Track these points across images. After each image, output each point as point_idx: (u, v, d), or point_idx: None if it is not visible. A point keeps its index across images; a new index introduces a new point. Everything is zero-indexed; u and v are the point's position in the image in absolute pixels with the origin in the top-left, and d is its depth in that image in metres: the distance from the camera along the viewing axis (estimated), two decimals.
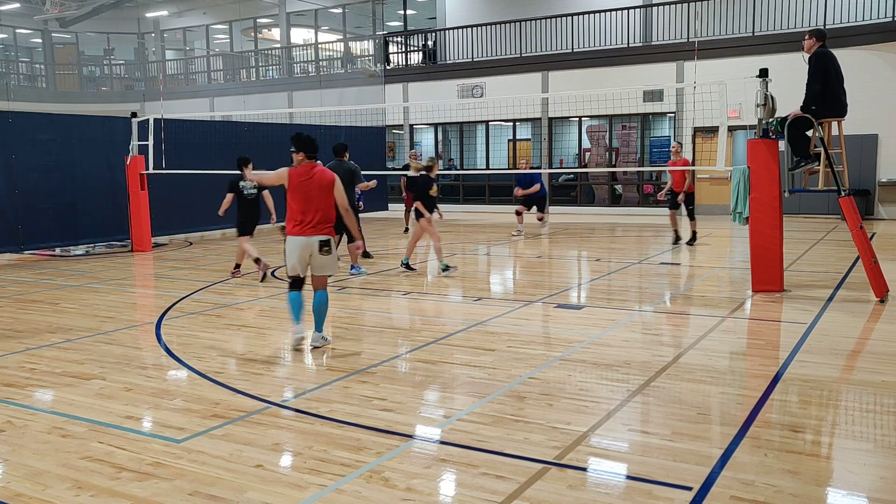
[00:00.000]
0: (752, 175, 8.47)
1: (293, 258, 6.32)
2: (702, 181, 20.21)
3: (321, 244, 6.25)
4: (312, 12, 28.49)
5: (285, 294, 6.79)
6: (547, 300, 8.54)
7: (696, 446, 4.13)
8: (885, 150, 17.73)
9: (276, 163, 7.46)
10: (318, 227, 6.28)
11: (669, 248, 13.03)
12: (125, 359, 6.22)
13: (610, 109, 19.65)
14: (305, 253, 6.29)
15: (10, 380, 5.67)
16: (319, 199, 6.30)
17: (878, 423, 4.58)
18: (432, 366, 5.90)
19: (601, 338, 6.75)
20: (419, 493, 3.64)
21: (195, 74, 32.00)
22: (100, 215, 14.22)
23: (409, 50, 25.64)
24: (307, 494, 3.63)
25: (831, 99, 8.29)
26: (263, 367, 5.96)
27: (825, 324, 7.05)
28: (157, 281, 10.91)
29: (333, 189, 6.39)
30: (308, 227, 6.26)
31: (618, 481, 3.76)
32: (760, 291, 8.53)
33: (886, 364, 5.71)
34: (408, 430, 4.47)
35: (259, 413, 4.82)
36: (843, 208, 8.20)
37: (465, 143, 24.11)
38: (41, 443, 4.36)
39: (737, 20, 19.32)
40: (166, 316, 7.99)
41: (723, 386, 5.26)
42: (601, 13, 21.05)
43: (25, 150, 13.04)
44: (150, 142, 13.68)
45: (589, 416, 4.65)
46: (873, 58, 17.12)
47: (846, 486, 3.71)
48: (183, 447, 4.25)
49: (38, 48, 33.60)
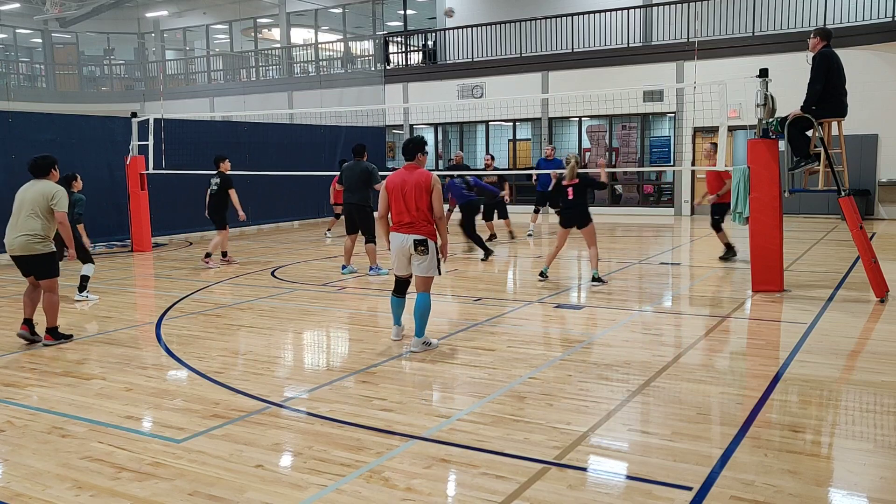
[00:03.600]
0: (752, 175, 8.47)
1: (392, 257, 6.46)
2: (702, 181, 20.20)
3: (416, 243, 6.21)
4: (312, 12, 28.48)
5: (286, 293, 6.79)
6: (547, 300, 8.54)
7: (696, 446, 4.13)
8: (885, 150, 17.73)
9: (277, 162, 7.45)
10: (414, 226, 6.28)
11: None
12: (125, 359, 6.22)
13: (610, 109, 19.64)
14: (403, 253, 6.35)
15: (10, 380, 5.67)
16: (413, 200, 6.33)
17: (878, 423, 4.58)
18: (432, 366, 5.90)
19: (601, 338, 6.75)
20: (419, 493, 3.64)
21: (195, 74, 31.99)
22: (100, 215, 14.20)
23: (409, 50, 25.64)
24: (307, 494, 3.63)
25: (832, 99, 8.28)
26: (263, 367, 5.96)
27: (825, 324, 7.05)
28: (157, 281, 10.91)
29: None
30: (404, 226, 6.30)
31: (618, 481, 3.76)
32: (760, 291, 8.52)
33: (886, 364, 5.71)
34: (408, 430, 4.47)
35: (259, 413, 4.82)
36: (843, 208, 8.20)
37: (465, 143, 24.11)
38: (41, 443, 4.36)
39: (737, 20, 19.31)
40: (166, 316, 7.99)
41: (723, 386, 5.26)
42: (601, 13, 21.04)
43: (25, 150, 13.01)
44: (150, 142, 13.68)
45: (589, 416, 4.65)
46: (873, 58, 17.11)
47: (846, 486, 3.71)
48: (183, 447, 4.25)
49: (38, 48, 33.58)
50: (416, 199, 6.20)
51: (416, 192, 6.20)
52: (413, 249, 6.20)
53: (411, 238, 6.19)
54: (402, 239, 6.25)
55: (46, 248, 6.60)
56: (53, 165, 6.85)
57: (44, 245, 6.58)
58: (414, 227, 6.20)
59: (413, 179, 6.23)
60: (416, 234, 6.19)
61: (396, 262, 6.39)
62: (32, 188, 6.66)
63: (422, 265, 6.26)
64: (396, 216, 6.29)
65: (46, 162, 6.78)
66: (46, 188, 6.63)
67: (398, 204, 6.26)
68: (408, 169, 6.36)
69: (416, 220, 6.21)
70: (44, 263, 6.63)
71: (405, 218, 6.23)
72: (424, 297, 6.32)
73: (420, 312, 6.28)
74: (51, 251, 6.65)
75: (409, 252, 6.24)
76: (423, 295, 6.33)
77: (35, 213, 6.53)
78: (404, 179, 6.26)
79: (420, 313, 6.28)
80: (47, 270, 6.67)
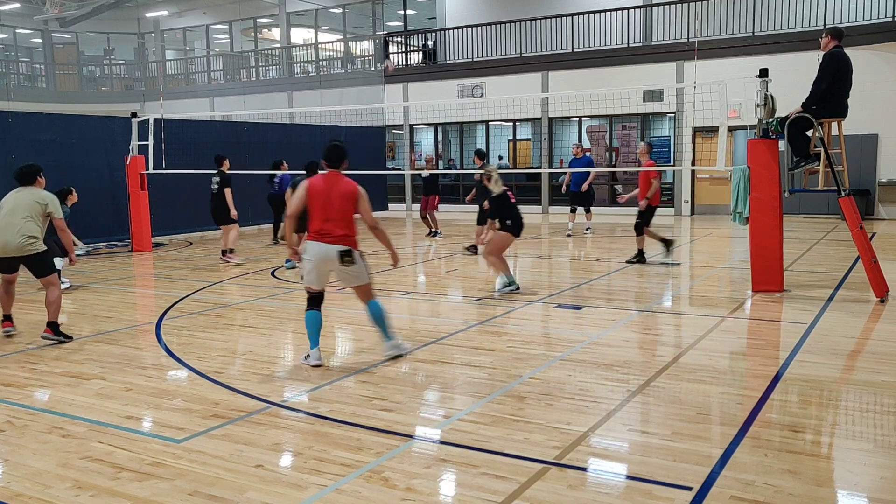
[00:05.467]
0: (752, 175, 8.47)
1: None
2: (702, 181, 20.22)
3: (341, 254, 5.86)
4: (312, 12, 28.48)
5: (286, 294, 6.78)
6: (547, 300, 8.54)
7: (696, 446, 4.13)
8: (885, 150, 17.74)
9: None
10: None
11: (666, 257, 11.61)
12: (125, 359, 6.22)
13: (610, 109, 19.64)
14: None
15: (10, 380, 5.67)
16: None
17: (878, 423, 4.58)
18: (432, 366, 5.90)
19: (601, 338, 6.75)
20: (419, 493, 3.64)
21: (195, 74, 31.99)
22: (100, 215, 14.22)
23: (409, 50, 25.64)
24: (307, 494, 3.63)
25: (833, 100, 8.28)
26: (263, 367, 5.96)
27: (825, 324, 7.05)
28: (157, 281, 10.91)
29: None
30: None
31: (618, 481, 3.76)
32: (760, 291, 8.52)
33: (886, 364, 5.71)
34: (408, 430, 4.47)
35: (259, 413, 4.82)
36: (843, 208, 8.20)
37: (465, 143, 24.11)
38: (41, 443, 4.36)
39: (737, 20, 19.32)
40: (166, 316, 7.99)
41: (723, 386, 5.26)
42: (601, 13, 21.05)
43: (25, 150, 13.02)
44: (150, 142, 13.68)
45: (589, 416, 4.65)
46: (873, 58, 17.11)
47: (846, 486, 3.71)
48: (183, 447, 4.25)
49: (38, 48, 33.58)
50: (341, 209, 5.87)
51: (341, 201, 5.88)
52: (339, 261, 5.83)
53: (335, 249, 5.81)
54: (323, 249, 5.83)
55: (42, 247, 6.87)
56: (39, 173, 7.15)
57: (39, 244, 6.85)
58: (337, 237, 5.83)
59: (339, 188, 5.92)
60: (339, 244, 5.82)
61: (314, 273, 5.93)
62: (24, 193, 6.92)
63: (351, 276, 5.94)
64: (317, 224, 5.87)
65: (32, 170, 7.08)
66: (39, 195, 6.94)
67: (320, 211, 5.87)
68: (333, 176, 5.99)
69: (340, 230, 5.85)
70: (43, 261, 6.89)
71: (328, 227, 5.84)
72: (375, 304, 6.05)
73: (377, 318, 6.03)
74: (45, 249, 6.91)
75: (333, 265, 5.87)
76: (373, 302, 6.05)
77: (31, 217, 6.80)
78: (329, 187, 5.92)
79: (378, 319, 6.03)
80: (48, 267, 6.94)
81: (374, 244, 6.43)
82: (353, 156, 11.27)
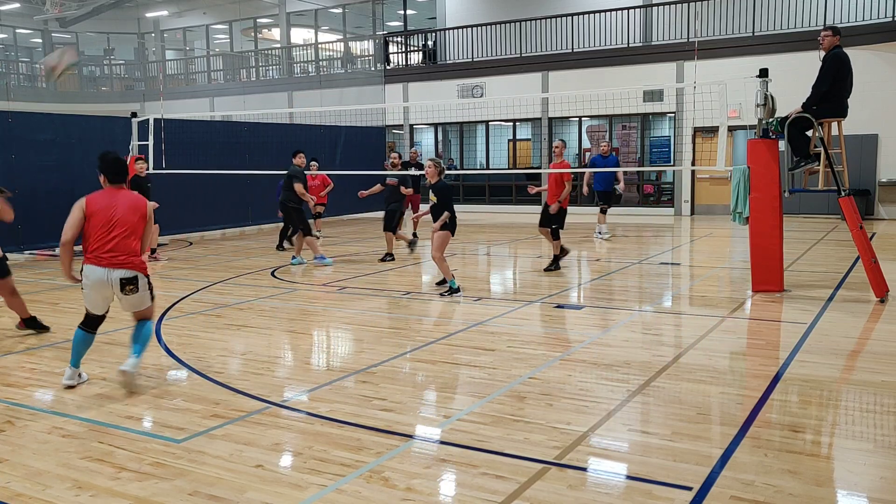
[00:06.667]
0: (752, 175, 8.47)
1: None
2: (702, 181, 20.22)
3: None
4: (312, 12, 28.48)
5: (286, 293, 6.78)
6: (547, 300, 8.54)
7: (696, 446, 4.13)
8: (885, 150, 17.74)
9: (276, 162, 7.45)
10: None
11: (668, 254, 12.40)
12: (125, 359, 6.20)
13: (610, 109, 19.64)
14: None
15: (10, 380, 5.67)
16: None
17: (878, 423, 4.58)
18: (432, 366, 5.90)
19: (601, 338, 6.75)
20: (419, 493, 3.63)
21: (195, 74, 31.98)
22: None
23: (409, 50, 25.64)
24: (307, 494, 3.63)
25: (834, 100, 8.28)
26: (263, 367, 5.96)
27: (825, 324, 7.05)
28: (158, 281, 10.86)
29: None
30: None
31: (618, 481, 3.76)
32: (760, 291, 8.52)
33: (886, 364, 5.71)
34: (408, 430, 4.47)
35: (259, 413, 4.82)
36: (843, 208, 8.20)
37: (465, 143, 24.11)
38: (41, 443, 4.36)
39: (737, 20, 19.32)
40: (166, 316, 7.99)
41: (723, 386, 5.26)
42: (601, 13, 21.05)
43: (25, 150, 13.02)
44: (150, 142, 13.67)
45: (589, 416, 4.65)
46: (873, 58, 17.11)
47: (846, 486, 3.71)
48: (183, 447, 4.25)
49: (38, 48, 33.57)
50: (128, 228, 5.27)
51: (130, 219, 5.29)
52: (120, 290, 5.24)
53: (117, 275, 5.21)
54: (103, 274, 5.21)
55: None
56: None
57: None
58: (120, 260, 5.22)
59: (126, 204, 5.33)
60: (123, 268, 5.22)
61: (95, 299, 5.35)
62: None
63: (132, 302, 5.37)
64: (96, 244, 5.22)
65: None
66: None
67: (101, 231, 5.22)
68: (117, 191, 5.40)
69: (124, 251, 5.24)
70: None
71: (109, 247, 5.20)
72: (148, 325, 5.53)
73: (144, 339, 5.46)
74: None
75: (113, 292, 5.29)
76: (147, 322, 5.54)
77: None
78: (114, 203, 5.30)
79: (144, 340, 5.46)
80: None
81: (374, 244, 6.40)
82: (354, 156, 11.31)
